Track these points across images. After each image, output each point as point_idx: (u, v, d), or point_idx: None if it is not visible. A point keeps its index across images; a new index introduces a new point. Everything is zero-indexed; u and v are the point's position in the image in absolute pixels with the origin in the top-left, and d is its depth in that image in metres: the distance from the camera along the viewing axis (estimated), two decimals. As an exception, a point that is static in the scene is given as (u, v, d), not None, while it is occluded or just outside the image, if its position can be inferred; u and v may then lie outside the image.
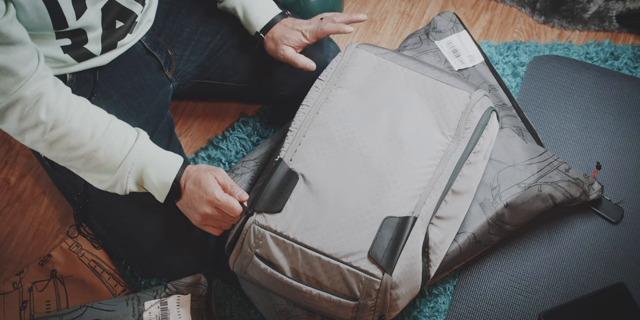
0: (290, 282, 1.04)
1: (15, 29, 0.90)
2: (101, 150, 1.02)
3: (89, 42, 1.07)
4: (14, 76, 0.93)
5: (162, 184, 1.05)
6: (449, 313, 1.24)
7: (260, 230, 1.04)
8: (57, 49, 1.05)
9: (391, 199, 1.04)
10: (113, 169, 1.04)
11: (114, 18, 1.08)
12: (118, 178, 1.05)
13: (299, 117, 1.11)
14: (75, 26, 1.02)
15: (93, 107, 1.04)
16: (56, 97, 0.98)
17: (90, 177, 1.06)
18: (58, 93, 0.99)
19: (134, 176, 1.05)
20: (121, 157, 1.04)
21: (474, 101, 1.11)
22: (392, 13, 1.56)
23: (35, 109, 0.97)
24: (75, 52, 1.07)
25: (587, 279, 1.26)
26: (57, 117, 0.99)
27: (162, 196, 1.07)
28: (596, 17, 1.52)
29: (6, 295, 1.23)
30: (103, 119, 1.04)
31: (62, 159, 1.04)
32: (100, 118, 1.03)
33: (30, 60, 0.94)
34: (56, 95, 0.98)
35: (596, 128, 1.39)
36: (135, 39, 1.16)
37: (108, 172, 1.05)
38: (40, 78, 0.96)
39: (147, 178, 1.05)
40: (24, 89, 0.95)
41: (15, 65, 0.92)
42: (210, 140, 1.40)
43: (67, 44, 1.05)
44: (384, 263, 1.00)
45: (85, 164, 1.04)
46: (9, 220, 1.34)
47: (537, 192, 1.19)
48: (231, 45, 1.27)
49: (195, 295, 1.19)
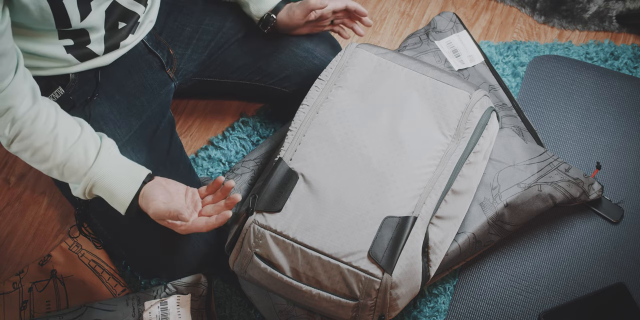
0: (290, 282, 1.04)
1: (3, 41, 0.89)
2: (66, 164, 1.02)
3: (92, 42, 1.08)
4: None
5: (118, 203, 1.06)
6: (449, 313, 1.24)
7: (260, 229, 1.04)
8: (60, 48, 1.05)
9: (391, 198, 1.04)
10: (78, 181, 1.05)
11: (116, 19, 1.08)
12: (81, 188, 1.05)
13: (299, 116, 1.12)
14: (79, 27, 1.02)
15: (62, 122, 1.02)
16: (23, 113, 0.97)
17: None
18: (28, 108, 0.98)
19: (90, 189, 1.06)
20: (83, 172, 1.04)
21: (474, 101, 1.11)
22: (392, 13, 1.56)
23: (1, 121, 0.96)
24: (78, 51, 1.07)
25: (587, 279, 1.26)
26: (19, 131, 0.98)
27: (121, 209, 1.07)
28: (596, 17, 1.52)
29: (6, 295, 1.23)
30: (68, 138, 1.02)
31: (30, 164, 1.04)
32: (65, 137, 1.02)
33: (8, 74, 0.93)
34: (24, 111, 0.97)
35: (596, 128, 1.39)
36: (137, 39, 1.17)
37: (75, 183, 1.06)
38: (13, 94, 0.95)
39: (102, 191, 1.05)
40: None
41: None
42: (210, 140, 1.40)
43: (70, 44, 1.05)
44: (384, 263, 1.00)
45: (60, 177, 1.04)
46: (9, 220, 1.34)
47: (537, 192, 1.19)
48: (232, 43, 1.27)
49: (195, 295, 1.19)
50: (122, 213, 1.06)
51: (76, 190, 1.06)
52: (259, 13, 1.24)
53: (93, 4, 1.01)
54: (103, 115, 1.13)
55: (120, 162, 1.06)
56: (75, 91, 1.11)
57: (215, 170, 1.36)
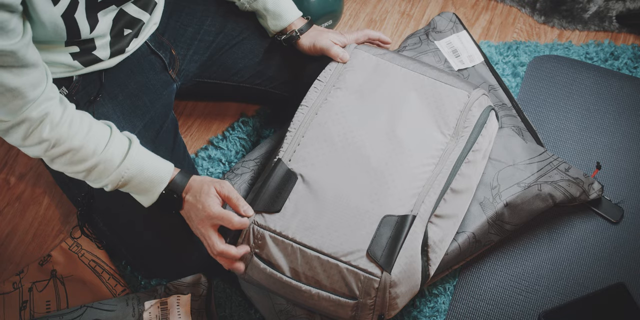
0: (289, 282, 1.04)
1: (30, 52, 0.91)
2: (101, 164, 1.03)
3: (97, 48, 1.09)
4: (23, 98, 0.93)
5: (149, 193, 1.07)
6: (449, 313, 1.24)
7: (259, 230, 1.04)
8: (67, 55, 1.06)
9: (390, 197, 1.04)
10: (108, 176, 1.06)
11: (122, 26, 1.10)
12: (110, 181, 1.06)
13: (298, 117, 1.12)
14: (87, 37, 1.04)
15: (95, 124, 1.04)
16: (60, 117, 0.99)
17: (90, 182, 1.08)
18: (62, 112, 1.00)
19: (123, 183, 1.06)
20: (116, 165, 1.04)
21: (472, 100, 1.11)
22: (392, 13, 1.56)
23: (39, 129, 0.98)
24: (84, 58, 1.08)
25: (587, 279, 1.26)
26: (59, 136, 0.99)
27: (146, 202, 1.08)
28: (596, 17, 1.52)
29: (6, 295, 1.23)
30: (103, 136, 1.04)
31: (64, 171, 1.05)
32: (101, 135, 1.04)
33: (40, 82, 0.95)
34: (60, 115, 0.99)
35: (596, 128, 1.39)
36: (141, 42, 1.17)
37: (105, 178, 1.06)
38: (47, 99, 0.97)
39: (134, 186, 1.06)
40: (30, 111, 0.96)
41: (26, 88, 0.93)
42: (210, 140, 1.41)
43: (76, 51, 1.06)
44: (383, 261, 1.00)
45: (87, 176, 1.05)
46: (9, 220, 1.34)
47: (537, 192, 1.19)
48: (233, 45, 1.27)
49: (195, 295, 1.19)
50: (146, 205, 1.07)
51: (106, 180, 1.05)
52: (275, 28, 1.25)
53: (100, 14, 1.02)
54: (106, 115, 1.14)
55: (149, 156, 1.07)
56: (79, 92, 1.12)
57: (215, 170, 1.36)
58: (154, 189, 1.06)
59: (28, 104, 0.95)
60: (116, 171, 1.03)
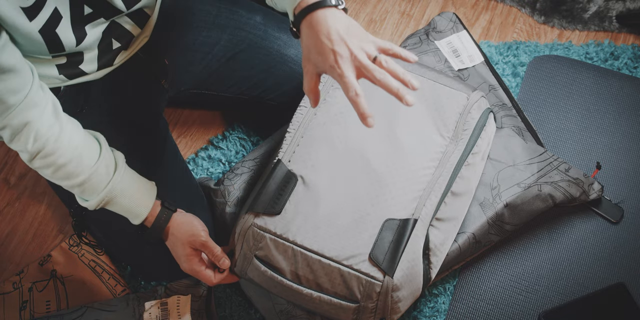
0: (290, 285, 1.03)
1: (5, 57, 0.88)
2: (85, 184, 1.02)
3: (85, 62, 1.06)
4: (2, 104, 0.91)
5: (130, 217, 1.09)
6: (449, 313, 1.24)
7: (259, 232, 1.03)
8: (52, 67, 1.03)
9: (391, 201, 1.04)
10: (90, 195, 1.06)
11: (111, 39, 1.07)
12: (89, 204, 1.06)
13: (297, 118, 1.11)
14: (73, 51, 1.00)
15: (84, 143, 1.02)
16: (47, 129, 0.96)
17: None
18: (50, 124, 0.97)
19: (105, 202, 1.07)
20: (100, 190, 1.04)
21: (471, 102, 1.11)
22: (392, 13, 1.56)
23: (23, 136, 0.95)
24: (69, 71, 1.05)
25: (587, 279, 1.26)
26: (43, 148, 0.97)
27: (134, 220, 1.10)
28: (596, 17, 1.52)
29: (6, 295, 1.23)
30: (90, 158, 1.02)
31: (50, 180, 1.04)
32: (88, 158, 1.02)
33: (22, 88, 0.92)
34: (47, 127, 0.96)
35: (596, 128, 1.39)
36: (130, 54, 1.14)
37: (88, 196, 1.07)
38: (31, 106, 0.94)
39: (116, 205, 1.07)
40: (10, 118, 0.93)
41: (3, 93, 0.90)
42: (210, 140, 1.40)
43: (63, 62, 1.03)
44: (385, 265, 1.00)
45: (70, 189, 1.05)
46: (9, 220, 1.34)
47: (537, 192, 1.19)
48: (230, 57, 1.24)
49: (195, 295, 1.19)
50: (136, 223, 1.10)
51: (86, 203, 1.05)
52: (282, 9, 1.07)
53: (88, 27, 0.99)
54: (94, 124, 1.10)
55: (132, 176, 1.07)
56: (66, 101, 1.08)
57: (215, 170, 1.36)
58: (132, 218, 1.08)
59: (10, 110, 0.92)
60: (99, 195, 1.04)
